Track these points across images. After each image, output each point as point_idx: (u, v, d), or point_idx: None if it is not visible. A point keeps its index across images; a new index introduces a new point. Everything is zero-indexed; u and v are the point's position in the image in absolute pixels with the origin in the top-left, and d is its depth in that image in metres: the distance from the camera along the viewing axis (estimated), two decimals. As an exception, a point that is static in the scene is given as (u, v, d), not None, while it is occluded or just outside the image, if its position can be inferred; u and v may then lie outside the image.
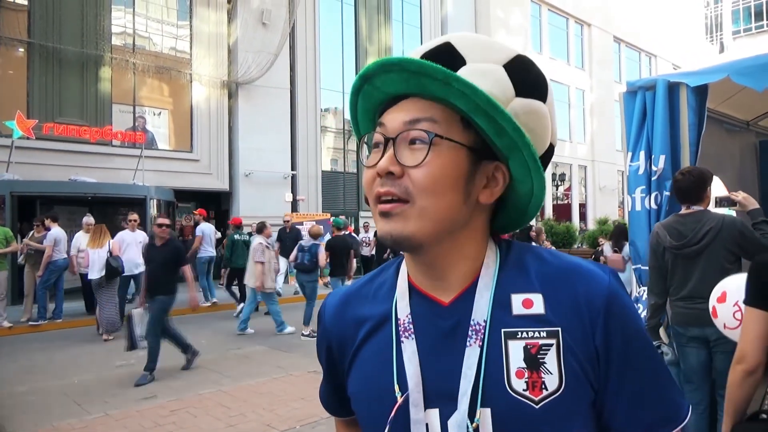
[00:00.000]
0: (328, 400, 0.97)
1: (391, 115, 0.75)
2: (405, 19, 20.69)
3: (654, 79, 3.78)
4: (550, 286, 0.75)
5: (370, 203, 0.76)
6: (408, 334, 0.78)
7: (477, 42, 0.75)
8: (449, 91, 0.70)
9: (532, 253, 0.80)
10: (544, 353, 0.72)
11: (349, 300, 0.88)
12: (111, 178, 12.97)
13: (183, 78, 15.36)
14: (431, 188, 0.71)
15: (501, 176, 0.77)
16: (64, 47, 13.20)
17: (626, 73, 29.82)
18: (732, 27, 60.58)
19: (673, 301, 3.18)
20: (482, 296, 0.76)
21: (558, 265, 0.77)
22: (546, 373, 0.71)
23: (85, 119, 13.46)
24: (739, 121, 4.75)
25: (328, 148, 19.02)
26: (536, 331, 0.72)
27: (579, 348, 0.72)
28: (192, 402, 5.14)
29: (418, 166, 0.71)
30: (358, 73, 0.76)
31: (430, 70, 0.69)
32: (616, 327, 0.73)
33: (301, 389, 5.49)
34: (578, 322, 0.72)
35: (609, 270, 0.77)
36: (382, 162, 0.72)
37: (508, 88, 0.73)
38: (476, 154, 0.74)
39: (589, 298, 0.73)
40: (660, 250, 3.17)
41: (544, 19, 25.82)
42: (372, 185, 0.75)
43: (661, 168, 3.64)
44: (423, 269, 0.79)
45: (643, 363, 0.75)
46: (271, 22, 16.43)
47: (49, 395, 5.48)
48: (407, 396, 0.74)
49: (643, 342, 0.75)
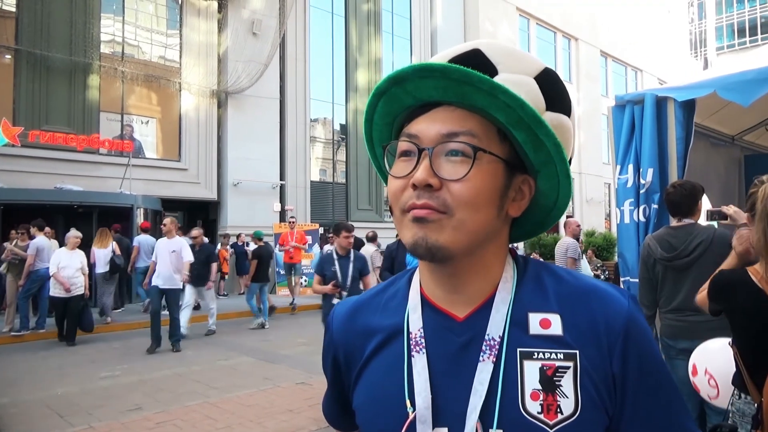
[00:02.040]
0: (330, 411, 0.94)
1: (424, 124, 0.72)
2: (395, 31, 20.82)
3: (642, 93, 3.84)
4: (569, 307, 0.73)
5: (397, 212, 0.73)
6: (419, 348, 0.75)
7: (507, 51, 0.73)
8: (492, 102, 0.68)
9: (549, 271, 0.78)
10: (561, 376, 0.69)
11: (358, 310, 0.86)
12: (98, 187, 12.83)
13: (172, 87, 15.30)
14: (472, 203, 0.69)
15: (527, 189, 0.76)
16: (52, 54, 13.09)
17: (613, 87, 30.18)
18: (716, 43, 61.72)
19: (662, 314, 3.20)
20: (498, 311, 0.74)
21: (576, 286, 0.75)
22: (562, 397, 0.69)
23: (72, 127, 13.32)
24: (725, 135, 4.82)
25: (317, 158, 19.00)
26: (553, 352, 0.70)
27: (596, 372, 0.70)
28: (178, 414, 5.07)
29: (460, 181, 0.69)
30: (387, 75, 0.72)
31: (475, 79, 0.66)
32: (633, 353, 0.71)
33: (288, 401, 5.43)
34: (596, 346, 0.71)
35: (627, 294, 0.76)
36: (420, 174, 0.69)
37: (540, 101, 0.71)
38: (511, 167, 0.73)
39: (608, 323, 0.71)
40: (651, 261, 3.20)
41: (533, 33, 26.12)
42: (401, 195, 0.72)
43: (650, 181, 3.68)
44: (441, 281, 0.77)
45: (658, 391, 0.73)
46: (262, 32, 16.45)
47: (31, 407, 5.37)
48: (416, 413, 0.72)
49: (660, 369, 0.74)
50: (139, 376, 6.48)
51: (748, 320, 1.74)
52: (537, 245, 17.41)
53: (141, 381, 5.81)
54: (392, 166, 0.75)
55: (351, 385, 0.84)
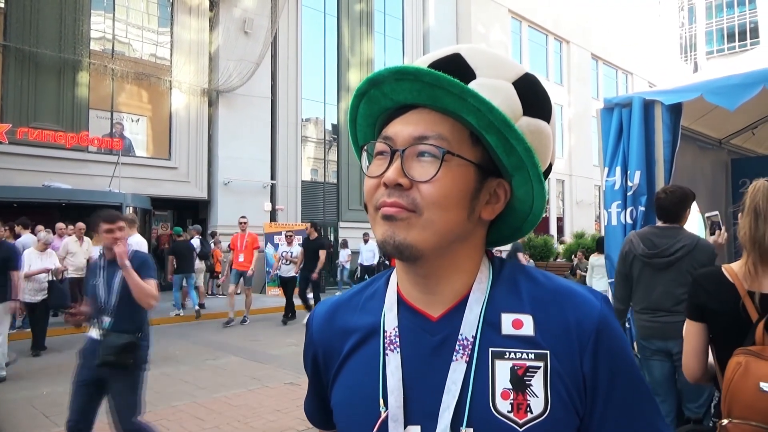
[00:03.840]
0: (311, 411, 0.94)
1: (398, 126, 0.74)
2: (387, 32, 20.82)
3: (630, 96, 3.86)
4: (541, 309, 0.74)
5: (370, 210, 0.75)
6: (393, 347, 0.77)
7: (487, 56, 0.74)
8: (463, 106, 0.69)
9: (524, 273, 0.79)
10: (531, 375, 0.70)
11: (337, 310, 0.87)
12: (86, 185, 12.73)
13: (162, 85, 15.20)
14: (440, 203, 0.70)
15: (503, 193, 0.77)
16: (41, 51, 12.97)
17: (603, 89, 30.38)
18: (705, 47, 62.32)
19: (636, 313, 3.26)
20: (472, 311, 0.74)
21: (550, 288, 0.76)
22: (532, 396, 0.70)
23: (61, 124, 13.21)
24: (712, 139, 4.86)
25: (308, 158, 18.96)
26: (524, 352, 0.71)
27: (566, 373, 0.71)
28: (165, 414, 5.04)
29: (429, 182, 0.70)
30: (366, 77, 0.74)
31: (445, 83, 0.68)
32: (604, 355, 0.72)
33: (276, 401, 5.42)
34: (567, 348, 0.71)
35: (601, 297, 0.76)
36: (390, 173, 0.71)
37: (517, 106, 0.72)
38: (483, 171, 0.74)
39: (579, 324, 0.72)
40: (630, 258, 3.23)
41: (524, 36, 26.23)
42: (374, 194, 0.74)
43: (637, 183, 3.71)
44: (416, 281, 0.78)
45: (629, 393, 0.73)
46: (253, 31, 16.40)
47: (16, 407, 5.31)
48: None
49: (631, 372, 0.74)
50: (126, 376, 6.42)
51: (717, 314, 1.80)
52: (528, 246, 17.46)
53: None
54: (370, 165, 0.77)
55: (329, 384, 0.84)
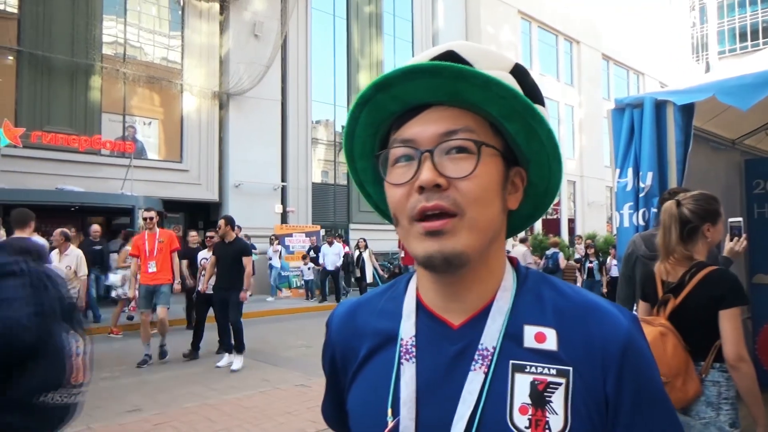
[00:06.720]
0: (329, 413, 0.92)
1: (417, 127, 0.70)
2: (396, 34, 20.85)
3: (641, 96, 3.82)
4: (566, 323, 0.71)
5: (405, 222, 0.70)
6: (409, 356, 0.74)
7: (479, 49, 0.73)
8: (486, 96, 0.67)
9: (549, 284, 0.76)
10: (552, 392, 0.68)
11: (357, 311, 0.85)
12: (99, 188, 12.85)
13: (174, 88, 15.32)
14: (481, 199, 0.68)
15: (520, 181, 0.76)
16: (54, 56, 13.13)
17: (614, 90, 30.18)
18: (717, 47, 61.70)
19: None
20: (495, 321, 0.72)
21: (576, 301, 0.73)
22: (551, 413, 0.67)
23: (74, 128, 13.35)
24: (725, 139, 4.80)
25: (318, 160, 19.02)
26: (546, 367, 0.69)
27: (588, 392, 0.68)
28: (176, 416, 5.07)
29: (467, 177, 0.67)
30: (369, 83, 0.70)
31: (468, 74, 0.66)
32: (629, 376, 0.69)
33: (287, 404, 5.42)
34: (590, 366, 0.69)
35: (630, 315, 0.73)
36: (426, 175, 0.67)
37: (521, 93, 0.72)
38: (507, 159, 0.73)
39: (604, 342, 0.69)
40: (632, 258, 3.20)
41: (534, 36, 26.13)
42: (406, 202, 0.69)
43: (649, 185, 3.67)
44: (442, 290, 0.75)
45: (653, 419, 0.70)
46: (263, 34, 16.48)
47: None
48: (398, 421, 0.71)
49: (657, 396, 0.71)
50: (138, 377, 6.49)
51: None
52: (538, 248, 17.36)
53: (140, 382, 5.81)
54: (386, 175, 0.73)
55: (346, 387, 0.83)
